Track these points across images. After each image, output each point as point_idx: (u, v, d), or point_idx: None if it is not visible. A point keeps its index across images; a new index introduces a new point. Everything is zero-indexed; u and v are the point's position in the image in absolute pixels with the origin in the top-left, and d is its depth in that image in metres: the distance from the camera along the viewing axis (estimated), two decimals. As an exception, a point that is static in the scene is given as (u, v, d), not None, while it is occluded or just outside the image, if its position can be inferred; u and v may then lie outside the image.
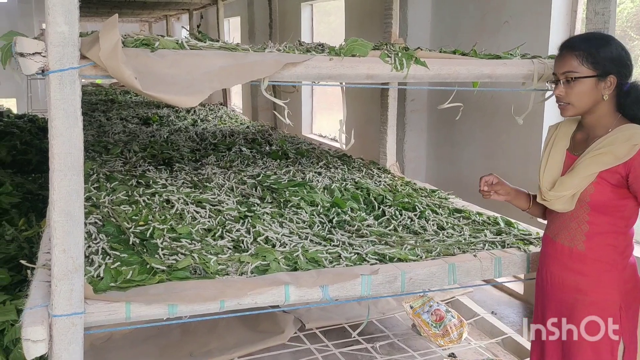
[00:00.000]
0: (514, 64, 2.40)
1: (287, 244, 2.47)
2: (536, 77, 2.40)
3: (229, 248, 2.42)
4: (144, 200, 2.89)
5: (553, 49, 3.73)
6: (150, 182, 3.23)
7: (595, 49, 1.93)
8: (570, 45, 2.00)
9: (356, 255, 2.38)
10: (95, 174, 3.36)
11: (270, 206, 2.96)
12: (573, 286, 2.04)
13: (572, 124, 2.13)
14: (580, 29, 3.80)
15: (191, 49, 1.96)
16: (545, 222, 2.23)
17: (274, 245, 2.45)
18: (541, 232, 2.72)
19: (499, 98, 4.27)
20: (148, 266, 2.12)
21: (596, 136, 2.00)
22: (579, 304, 2.02)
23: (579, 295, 2.02)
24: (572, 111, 2.00)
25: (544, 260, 2.17)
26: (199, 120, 6.37)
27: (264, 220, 2.74)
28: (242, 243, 2.47)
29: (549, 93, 2.64)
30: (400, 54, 2.18)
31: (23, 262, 2.10)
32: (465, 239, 2.64)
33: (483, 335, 3.53)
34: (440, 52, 2.58)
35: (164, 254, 2.26)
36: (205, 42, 2.07)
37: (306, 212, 2.92)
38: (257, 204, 2.98)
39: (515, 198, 2.32)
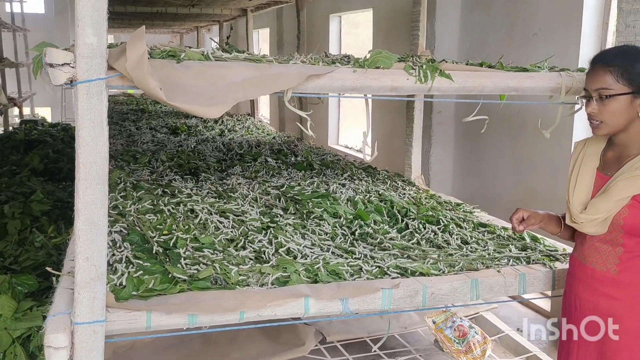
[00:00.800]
0: (541, 76, 2.36)
1: (308, 256, 2.47)
2: (564, 91, 2.35)
3: (250, 259, 2.43)
4: (168, 210, 2.92)
5: (583, 61, 3.67)
6: (176, 192, 3.27)
7: (630, 64, 1.83)
8: (604, 60, 1.89)
9: (377, 268, 2.36)
10: (123, 183, 3.42)
11: (293, 217, 2.97)
12: (606, 313, 1.93)
13: (602, 141, 2.02)
14: (611, 41, 3.73)
15: (216, 60, 1.98)
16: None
17: (295, 257, 2.45)
18: (568, 248, 2.67)
19: (526, 111, 4.21)
20: (170, 275, 2.13)
21: (629, 155, 1.90)
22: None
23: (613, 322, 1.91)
24: (605, 130, 1.90)
25: (572, 284, 2.07)
26: (226, 131, 6.43)
27: (286, 231, 2.74)
28: (264, 254, 2.47)
29: (577, 106, 2.59)
30: (424, 66, 2.17)
31: (49, 269, 2.13)
32: (489, 254, 2.60)
33: (507, 353, 3.46)
34: (466, 64, 2.56)
35: (186, 264, 2.27)
36: (231, 54, 2.09)
37: (329, 224, 2.91)
38: (280, 215, 2.99)
39: (548, 224, 2.17)
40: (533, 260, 2.51)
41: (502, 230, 2.96)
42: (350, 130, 8.07)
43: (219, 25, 9.97)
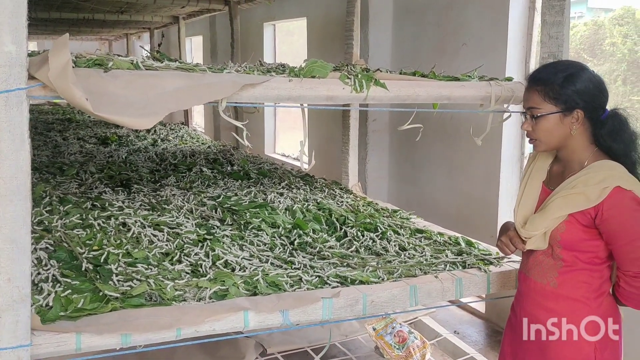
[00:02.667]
0: (472, 86, 2.43)
1: (247, 268, 2.42)
2: (493, 99, 2.43)
3: (186, 273, 2.36)
4: (98, 224, 2.79)
5: (510, 71, 3.82)
6: (106, 205, 3.13)
7: (558, 84, 1.83)
8: (533, 79, 1.91)
9: (317, 278, 2.35)
10: (48, 197, 3.24)
11: (230, 228, 2.91)
12: (545, 325, 1.95)
13: (550, 155, 2.04)
14: (535, 51, 3.90)
15: (147, 69, 1.91)
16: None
17: (233, 269, 2.40)
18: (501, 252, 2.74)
19: (458, 119, 4.34)
20: (101, 293, 2.04)
21: (572, 170, 1.91)
22: (551, 345, 1.94)
23: (552, 334, 1.93)
24: (542, 147, 1.92)
25: (518, 297, 2.10)
26: (159, 140, 6.26)
27: (223, 243, 2.68)
28: (201, 267, 2.40)
29: (506, 115, 2.68)
30: (359, 76, 2.18)
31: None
32: (426, 260, 2.63)
33: (446, 356, 3.52)
34: (400, 73, 2.60)
35: (118, 280, 2.18)
36: (162, 62, 2.03)
37: (267, 234, 2.87)
38: (217, 227, 2.92)
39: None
40: (469, 264, 2.56)
41: (438, 235, 3.01)
42: (287, 139, 8.06)
43: (150, 33, 9.74)
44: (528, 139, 1.96)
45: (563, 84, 1.83)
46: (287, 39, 8.27)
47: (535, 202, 2.00)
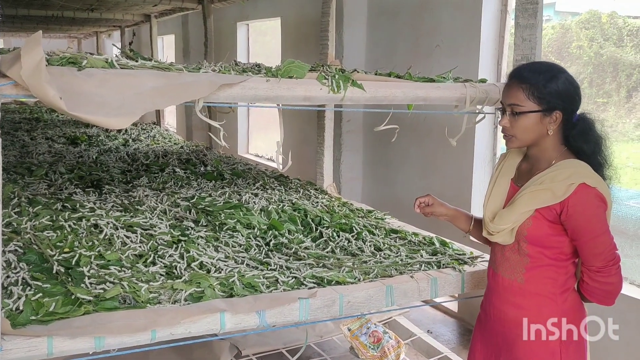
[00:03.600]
0: (447, 87, 2.46)
1: (222, 269, 2.40)
2: (468, 101, 2.45)
3: (161, 275, 2.32)
4: (69, 225, 2.73)
5: (483, 72, 3.88)
6: (77, 206, 3.07)
7: (542, 83, 1.87)
8: (518, 76, 1.93)
9: (294, 279, 2.34)
10: (17, 198, 3.17)
11: (205, 229, 2.88)
12: (513, 321, 1.99)
13: (520, 154, 2.09)
14: (507, 53, 3.96)
15: (122, 68, 1.88)
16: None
17: (208, 271, 2.37)
18: (475, 251, 2.78)
19: (432, 119, 4.37)
20: (73, 297, 1.99)
21: (539, 168, 1.96)
22: (518, 340, 1.97)
23: (519, 331, 1.97)
24: (516, 143, 1.96)
25: (487, 293, 2.13)
26: (130, 140, 6.17)
27: (198, 244, 2.65)
28: (176, 269, 2.37)
29: (480, 116, 2.72)
30: (337, 77, 2.18)
31: None
32: (402, 260, 2.65)
33: (420, 356, 3.55)
34: (376, 74, 2.61)
35: (90, 283, 2.13)
36: (137, 61, 2.00)
37: (242, 235, 2.85)
38: (191, 228, 2.89)
39: (455, 219, 2.28)
40: (443, 264, 2.59)
41: (413, 236, 3.03)
42: (260, 139, 8.02)
43: (121, 31, 9.59)
44: (503, 134, 1.99)
45: (548, 85, 1.87)
46: (260, 39, 8.23)
47: (504, 199, 2.05)
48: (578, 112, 1.96)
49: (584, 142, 1.92)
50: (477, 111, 2.65)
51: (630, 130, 4.56)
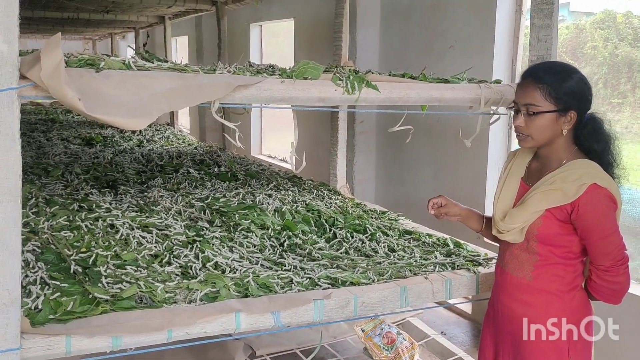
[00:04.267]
0: (462, 88, 2.45)
1: (237, 270, 2.41)
2: (483, 102, 2.45)
3: (176, 275, 2.34)
4: (86, 226, 2.76)
5: (497, 73, 3.86)
6: (93, 206, 3.10)
7: (559, 83, 1.88)
8: (535, 76, 1.94)
9: (308, 279, 2.34)
10: (34, 198, 3.20)
11: (219, 230, 2.89)
12: (522, 318, 2.01)
13: (530, 152, 2.11)
14: (521, 54, 3.94)
15: (138, 69, 1.90)
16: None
17: (223, 271, 2.39)
18: (490, 253, 2.77)
19: (445, 120, 4.36)
20: (90, 296, 2.01)
21: (550, 168, 1.98)
22: (530, 341, 1.98)
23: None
24: (531, 143, 1.96)
25: (495, 290, 2.16)
26: (144, 141, 6.22)
27: (213, 244, 2.66)
28: (191, 269, 2.39)
29: (494, 117, 2.71)
30: (351, 78, 2.18)
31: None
32: (416, 261, 2.65)
33: (434, 357, 3.54)
34: (389, 75, 2.61)
35: (107, 283, 2.15)
36: (153, 63, 2.02)
37: (257, 236, 2.86)
38: (206, 228, 2.91)
39: (467, 219, 2.31)
40: (458, 265, 2.58)
41: (427, 237, 3.03)
42: (273, 140, 8.04)
43: (135, 32, 9.65)
44: (516, 134, 2.00)
45: (564, 85, 1.89)
46: (273, 40, 8.26)
47: (513, 197, 2.07)
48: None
49: (594, 142, 1.94)
50: (491, 112, 2.64)
51: (645, 131, 4.52)
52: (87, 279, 2.19)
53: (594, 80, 4.78)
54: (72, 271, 2.25)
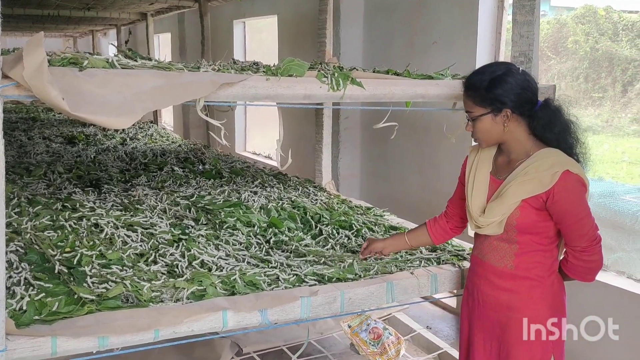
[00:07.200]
0: (446, 84, 2.47)
1: (223, 267, 2.41)
2: (467, 98, 2.46)
3: (162, 273, 2.33)
4: (70, 225, 2.74)
5: (480, 69, 3.88)
6: (77, 206, 3.08)
7: (484, 88, 1.99)
8: (465, 85, 2.09)
9: (295, 276, 2.35)
10: (16, 198, 3.17)
11: (205, 228, 2.89)
12: (506, 305, 2.08)
13: (493, 147, 2.18)
14: (504, 49, 3.97)
15: (122, 67, 1.89)
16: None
17: (210, 269, 2.39)
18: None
19: (429, 116, 4.39)
20: (76, 296, 2.00)
21: (517, 160, 2.06)
22: (512, 322, 2.07)
23: (512, 313, 2.07)
24: (485, 144, 2.11)
25: (475, 280, 2.21)
26: (128, 139, 6.16)
27: (199, 243, 2.66)
28: (177, 268, 2.38)
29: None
30: (336, 74, 2.19)
31: None
32: (401, 256, 2.66)
33: (420, 351, 3.57)
34: (374, 71, 2.61)
35: (92, 283, 2.14)
36: (137, 61, 2.00)
37: (243, 233, 2.86)
38: (192, 226, 2.90)
39: (394, 246, 2.56)
40: (443, 260, 2.60)
41: (412, 232, 3.04)
42: (258, 137, 8.02)
43: (117, 29, 9.57)
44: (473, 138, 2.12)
45: (488, 88, 1.99)
46: (256, 37, 8.22)
47: (486, 192, 2.14)
48: (541, 99, 2.06)
49: (544, 131, 2.03)
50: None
51: (625, 124, 4.58)
52: (72, 279, 2.18)
53: (575, 75, 4.84)
54: (56, 271, 2.23)
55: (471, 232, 2.37)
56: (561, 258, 2.11)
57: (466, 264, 2.57)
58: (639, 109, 4.46)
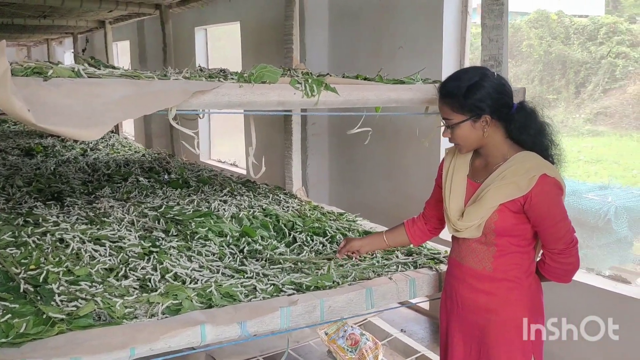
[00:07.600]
0: (418, 89, 2.47)
1: (198, 280, 2.34)
2: (439, 101, 2.47)
3: (135, 288, 2.25)
4: (33, 241, 2.62)
5: (446, 72, 3.92)
6: (40, 220, 2.95)
7: (462, 94, 1.96)
8: (441, 92, 2.05)
9: (272, 286, 2.30)
10: (-26, 214, 3.03)
11: (176, 239, 2.81)
12: (484, 307, 2.09)
13: (469, 151, 2.17)
14: (468, 53, 4.02)
15: (89, 77, 1.82)
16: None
17: (184, 282, 2.32)
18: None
19: (398, 120, 4.40)
20: (44, 316, 1.91)
21: (494, 163, 2.06)
22: (491, 324, 2.08)
23: (491, 316, 2.08)
24: (464, 149, 2.09)
25: (453, 283, 2.21)
26: (88, 150, 5.99)
27: (170, 255, 2.58)
28: (150, 282, 2.30)
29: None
30: (310, 81, 2.16)
31: None
32: (378, 262, 2.65)
33: (396, 355, 3.56)
34: (343, 77, 2.60)
35: (61, 301, 2.05)
36: (103, 70, 1.93)
37: (215, 244, 2.80)
38: (162, 238, 2.82)
39: (371, 245, 2.55)
40: (420, 264, 2.60)
41: (386, 237, 3.03)
42: (223, 145, 7.93)
43: (74, 38, 9.33)
44: (452, 144, 2.11)
45: (466, 95, 1.97)
46: (216, 44, 8.13)
47: (463, 195, 2.14)
48: (516, 102, 2.05)
49: (520, 134, 2.03)
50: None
51: (580, 125, 4.71)
52: (39, 298, 2.08)
53: (530, 78, 4.94)
54: (21, 290, 2.13)
55: (447, 235, 2.37)
56: (538, 260, 2.13)
57: (443, 267, 2.57)
58: (592, 109, 4.59)
